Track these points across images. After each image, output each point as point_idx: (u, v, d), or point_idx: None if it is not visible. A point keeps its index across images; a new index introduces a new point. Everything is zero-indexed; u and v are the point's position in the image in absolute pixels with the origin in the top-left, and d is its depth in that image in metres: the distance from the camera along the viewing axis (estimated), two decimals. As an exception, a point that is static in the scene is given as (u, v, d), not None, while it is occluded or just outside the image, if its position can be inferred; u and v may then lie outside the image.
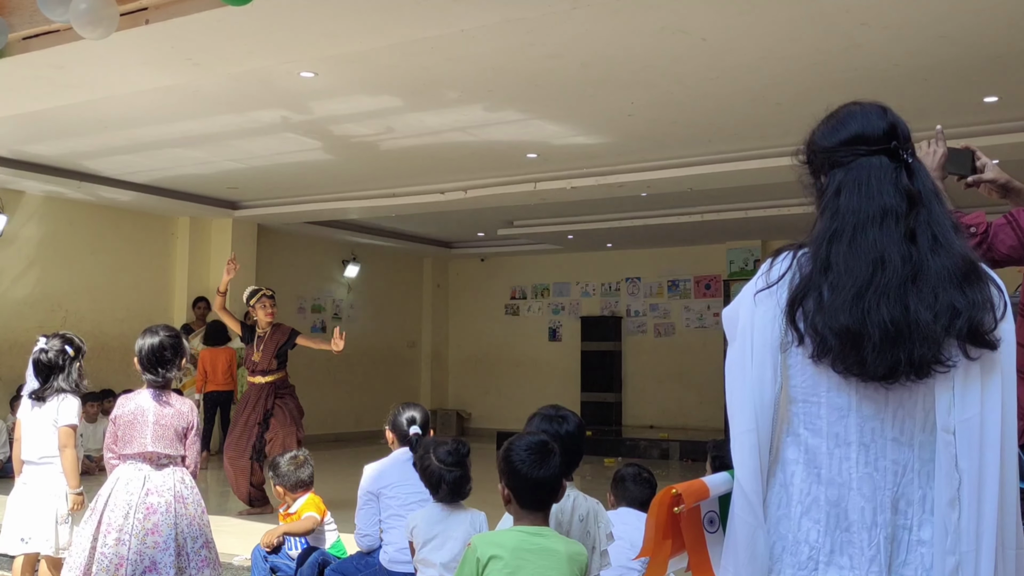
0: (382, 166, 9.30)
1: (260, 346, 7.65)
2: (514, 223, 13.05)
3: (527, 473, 2.80)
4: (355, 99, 7.03)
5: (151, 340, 4.21)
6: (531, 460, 2.81)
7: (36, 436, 4.66)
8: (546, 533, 2.79)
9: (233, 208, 11.71)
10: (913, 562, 1.74)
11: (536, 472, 2.80)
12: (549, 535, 2.79)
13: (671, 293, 14.56)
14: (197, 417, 4.31)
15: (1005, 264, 2.64)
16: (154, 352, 4.20)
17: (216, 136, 8.24)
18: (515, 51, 5.87)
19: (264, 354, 7.61)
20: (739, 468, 1.83)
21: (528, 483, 2.81)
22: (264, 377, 7.62)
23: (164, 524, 4.02)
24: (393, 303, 15.37)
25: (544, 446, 2.85)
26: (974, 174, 2.81)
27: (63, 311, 10.51)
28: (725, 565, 1.89)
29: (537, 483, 2.81)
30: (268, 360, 7.61)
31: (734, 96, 6.80)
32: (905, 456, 1.76)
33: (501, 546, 2.73)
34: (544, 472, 2.80)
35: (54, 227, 10.66)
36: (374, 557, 4.43)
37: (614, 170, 9.09)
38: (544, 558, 2.72)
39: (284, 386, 7.73)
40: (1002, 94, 6.61)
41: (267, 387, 7.61)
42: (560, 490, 2.89)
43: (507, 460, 2.85)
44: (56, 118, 7.63)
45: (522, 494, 2.83)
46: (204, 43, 5.54)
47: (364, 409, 14.08)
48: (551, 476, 2.82)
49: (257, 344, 7.67)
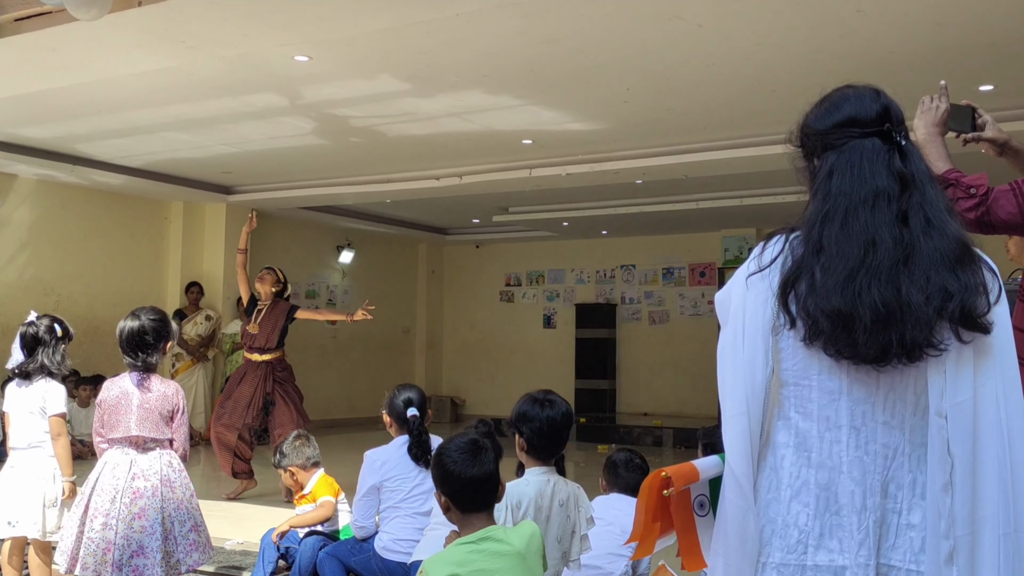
0: (377, 151, 9.27)
1: (258, 319, 7.53)
2: (509, 209, 13.03)
3: (460, 473, 2.73)
4: (350, 83, 7.00)
5: (131, 324, 4.17)
6: (463, 460, 2.74)
7: (23, 422, 4.64)
8: (490, 534, 2.70)
9: (227, 193, 11.67)
10: (902, 546, 1.74)
11: (469, 471, 2.73)
12: (493, 535, 2.70)
13: (666, 281, 14.56)
14: (183, 400, 4.28)
15: (1000, 230, 2.63)
16: (133, 336, 4.16)
17: (210, 120, 8.20)
18: (511, 36, 5.85)
19: (262, 330, 7.49)
20: (730, 451, 1.82)
21: (463, 483, 2.73)
22: (262, 355, 7.50)
23: (151, 508, 4.01)
24: (388, 289, 15.35)
25: (475, 444, 2.79)
26: (974, 131, 2.81)
27: (56, 295, 10.49)
28: (715, 548, 1.89)
29: (471, 482, 2.73)
30: (266, 337, 7.49)
31: (729, 83, 6.78)
32: (896, 440, 1.76)
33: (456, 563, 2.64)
34: (477, 470, 2.73)
35: (47, 211, 10.62)
36: (369, 543, 4.44)
37: (609, 157, 9.07)
38: (497, 561, 2.64)
39: (282, 367, 7.61)
40: (998, 82, 6.60)
41: (264, 367, 7.48)
42: (500, 488, 2.82)
43: (440, 464, 2.78)
44: (49, 101, 7.59)
45: (459, 496, 2.75)
46: (197, 25, 5.51)
47: (358, 395, 14.08)
48: (486, 473, 2.75)
49: (255, 316, 7.56)
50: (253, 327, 7.51)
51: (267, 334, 7.51)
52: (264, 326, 7.52)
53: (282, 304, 7.67)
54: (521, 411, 3.22)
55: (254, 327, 7.51)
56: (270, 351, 7.52)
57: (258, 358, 7.52)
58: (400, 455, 4.36)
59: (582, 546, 3.21)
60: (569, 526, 3.18)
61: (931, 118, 2.68)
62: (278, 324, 7.55)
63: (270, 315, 7.56)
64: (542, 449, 3.21)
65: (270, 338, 7.51)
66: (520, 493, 3.12)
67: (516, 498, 3.10)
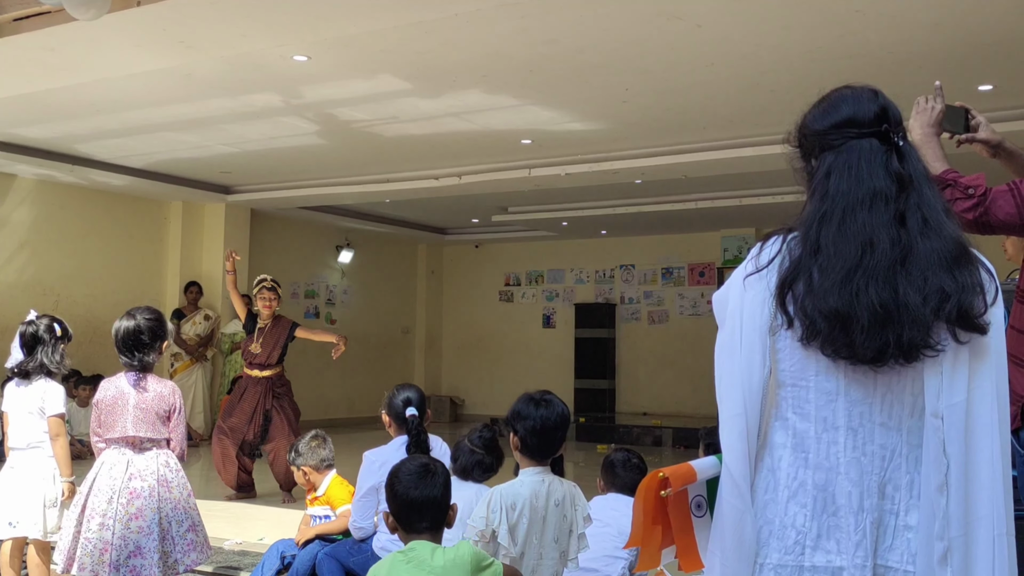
0: (376, 151, 9.27)
1: (260, 338, 7.58)
2: (508, 209, 13.03)
3: (403, 493, 2.76)
4: (349, 83, 7.00)
5: (126, 324, 4.17)
6: (408, 481, 2.77)
7: (22, 422, 4.63)
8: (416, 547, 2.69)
9: (226, 193, 11.66)
10: (899, 547, 1.74)
11: (412, 492, 2.76)
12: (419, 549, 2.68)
13: (665, 280, 14.56)
14: (180, 399, 4.27)
15: (998, 231, 2.64)
16: (129, 336, 4.16)
17: (209, 120, 8.20)
18: (510, 36, 5.85)
19: (264, 348, 7.54)
20: (727, 452, 1.82)
21: (405, 503, 2.76)
22: (262, 371, 7.54)
23: (147, 508, 4.00)
24: (387, 289, 15.35)
25: (426, 468, 2.81)
26: (968, 132, 2.82)
27: (55, 295, 10.48)
28: (712, 549, 1.88)
29: (413, 503, 2.76)
30: (267, 355, 7.54)
31: (728, 83, 6.78)
32: (893, 441, 1.76)
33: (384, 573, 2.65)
34: (420, 492, 2.76)
35: (46, 211, 10.61)
36: (367, 544, 4.43)
37: (608, 157, 9.07)
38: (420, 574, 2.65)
39: (281, 383, 7.65)
40: (997, 82, 6.60)
41: (264, 382, 7.53)
42: (451, 512, 2.84)
43: (389, 483, 2.82)
44: (48, 101, 7.58)
45: (401, 516, 2.78)
46: (196, 25, 5.51)
47: (358, 395, 14.08)
48: (428, 497, 2.77)
49: (257, 335, 7.60)
50: (255, 346, 7.55)
51: (268, 351, 7.56)
52: (266, 345, 7.56)
53: (283, 321, 7.71)
54: (516, 410, 3.22)
55: (256, 346, 7.55)
56: (271, 367, 7.57)
57: (258, 374, 7.57)
58: (399, 455, 4.34)
59: (580, 545, 3.20)
60: (566, 526, 3.17)
61: (926, 119, 2.69)
62: (280, 341, 7.60)
63: (272, 333, 7.59)
64: (536, 449, 3.20)
65: (271, 355, 7.56)
66: (515, 494, 3.11)
67: (511, 499, 3.09)
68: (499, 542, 3.05)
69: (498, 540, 3.05)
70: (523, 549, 3.09)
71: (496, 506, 3.07)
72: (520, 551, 3.09)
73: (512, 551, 3.05)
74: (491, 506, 3.07)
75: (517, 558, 3.09)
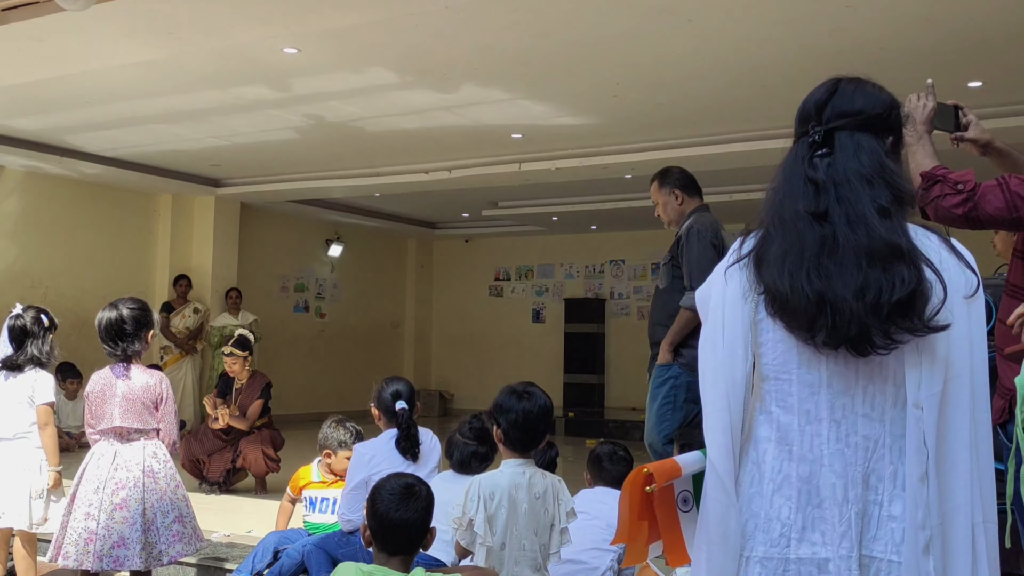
0: (366, 144, 9.25)
1: (238, 399, 7.28)
2: (499, 204, 13.02)
3: (384, 513, 2.76)
4: (339, 76, 6.98)
5: (109, 314, 4.17)
6: (390, 501, 2.77)
7: (9, 412, 4.62)
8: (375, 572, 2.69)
9: (216, 186, 11.62)
10: (884, 537, 1.75)
11: (392, 513, 2.76)
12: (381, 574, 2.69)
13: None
14: (168, 388, 4.25)
15: (987, 226, 2.66)
16: (112, 326, 4.15)
17: (198, 112, 8.16)
18: (500, 29, 5.84)
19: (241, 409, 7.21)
20: (711, 447, 1.83)
21: (384, 523, 2.76)
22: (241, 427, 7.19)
23: (132, 499, 3.99)
24: (377, 283, 15.33)
25: (409, 490, 2.82)
26: (959, 130, 2.84)
27: (43, 288, 10.44)
28: (698, 544, 1.89)
29: (392, 524, 2.76)
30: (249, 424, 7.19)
31: (719, 78, 6.78)
32: (876, 432, 1.77)
33: None
34: (400, 515, 2.76)
35: (34, 203, 10.56)
36: (356, 537, 4.43)
37: (599, 151, 9.07)
38: None
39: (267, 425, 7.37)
40: (986, 79, 6.62)
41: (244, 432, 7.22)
42: (429, 535, 2.84)
43: (371, 499, 2.81)
44: (36, 92, 7.54)
45: (378, 535, 2.78)
46: (186, 16, 5.48)
47: (347, 389, 14.05)
48: (407, 520, 2.77)
49: (236, 396, 7.31)
50: (233, 409, 7.21)
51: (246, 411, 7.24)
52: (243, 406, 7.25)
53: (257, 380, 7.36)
54: (499, 402, 3.23)
55: (234, 409, 7.21)
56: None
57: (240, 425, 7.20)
58: (389, 449, 4.34)
59: (562, 539, 3.20)
60: (547, 519, 3.17)
61: (918, 116, 2.71)
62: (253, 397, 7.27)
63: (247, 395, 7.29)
64: (518, 441, 3.21)
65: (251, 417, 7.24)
66: (494, 484, 3.12)
67: (490, 489, 3.11)
68: (475, 531, 3.06)
69: (474, 529, 3.06)
70: (503, 540, 3.10)
71: (474, 495, 3.08)
72: (500, 542, 3.10)
73: (489, 540, 3.06)
74: (469, 495, 3.09)
75: (498, 550, 3.09)
